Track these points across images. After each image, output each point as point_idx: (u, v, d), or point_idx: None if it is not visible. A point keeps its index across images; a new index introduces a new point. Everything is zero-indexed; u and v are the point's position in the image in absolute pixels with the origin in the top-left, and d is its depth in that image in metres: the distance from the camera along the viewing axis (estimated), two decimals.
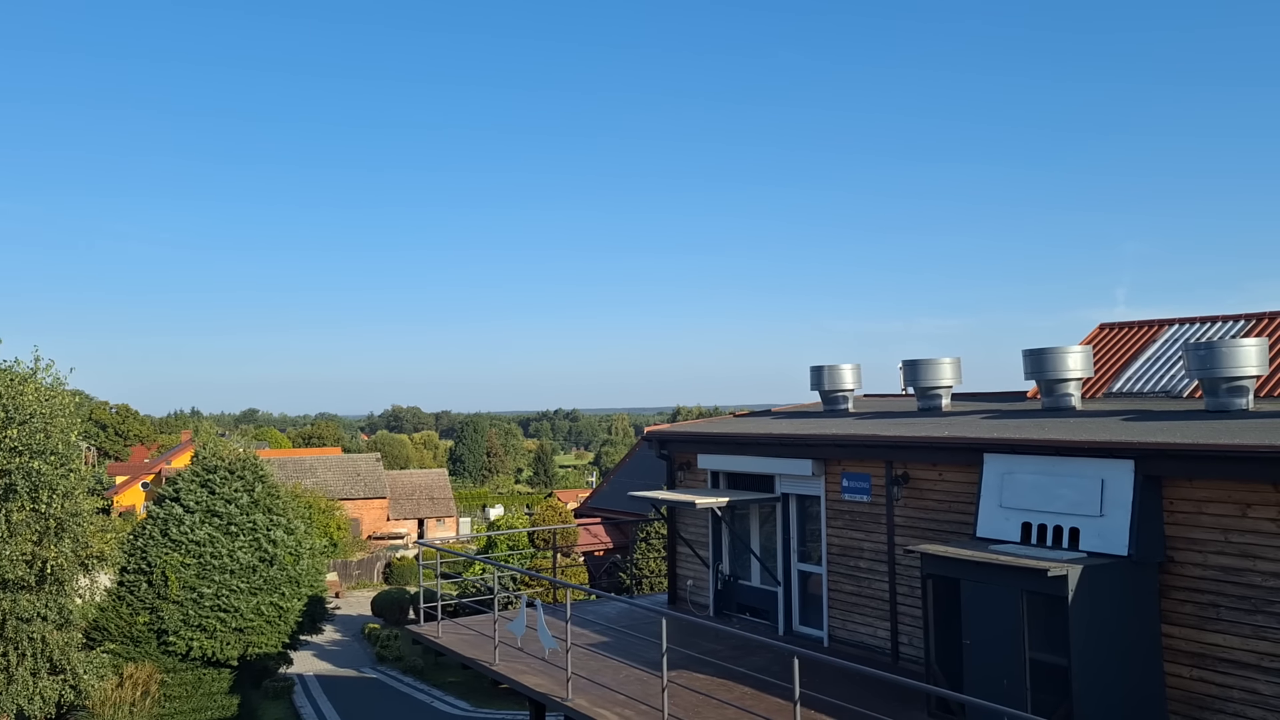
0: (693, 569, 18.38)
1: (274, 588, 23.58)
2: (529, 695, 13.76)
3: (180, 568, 22.79)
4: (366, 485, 76.73)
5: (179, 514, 23.48)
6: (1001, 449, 12.17)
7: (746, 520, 17.16)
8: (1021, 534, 11.67)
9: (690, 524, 18.42)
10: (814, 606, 15.60)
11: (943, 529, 13.25)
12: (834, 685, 12.39)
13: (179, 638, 22.62)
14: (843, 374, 18.11)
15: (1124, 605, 10.54)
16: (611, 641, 15.63)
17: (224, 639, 22.87)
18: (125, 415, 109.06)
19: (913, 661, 13.51)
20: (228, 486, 24.02)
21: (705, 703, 12.22)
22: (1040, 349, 14.53)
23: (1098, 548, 10.85)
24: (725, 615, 17.20)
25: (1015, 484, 11.91)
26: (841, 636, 14.89)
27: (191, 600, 22.68)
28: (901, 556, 13.82)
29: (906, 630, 13.80)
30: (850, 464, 14.78)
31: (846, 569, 14.86)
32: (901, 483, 13.86)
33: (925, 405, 16.56)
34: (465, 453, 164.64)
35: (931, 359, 16.43)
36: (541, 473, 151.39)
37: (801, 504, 15.95)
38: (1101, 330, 17.51)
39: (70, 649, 18.93)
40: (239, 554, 23.25)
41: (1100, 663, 10.29)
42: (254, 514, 23.90)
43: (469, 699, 29.57)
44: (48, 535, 18.64)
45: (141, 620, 22.74)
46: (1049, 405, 14.62)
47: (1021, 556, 10.82)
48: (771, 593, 16.34)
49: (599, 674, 13.69)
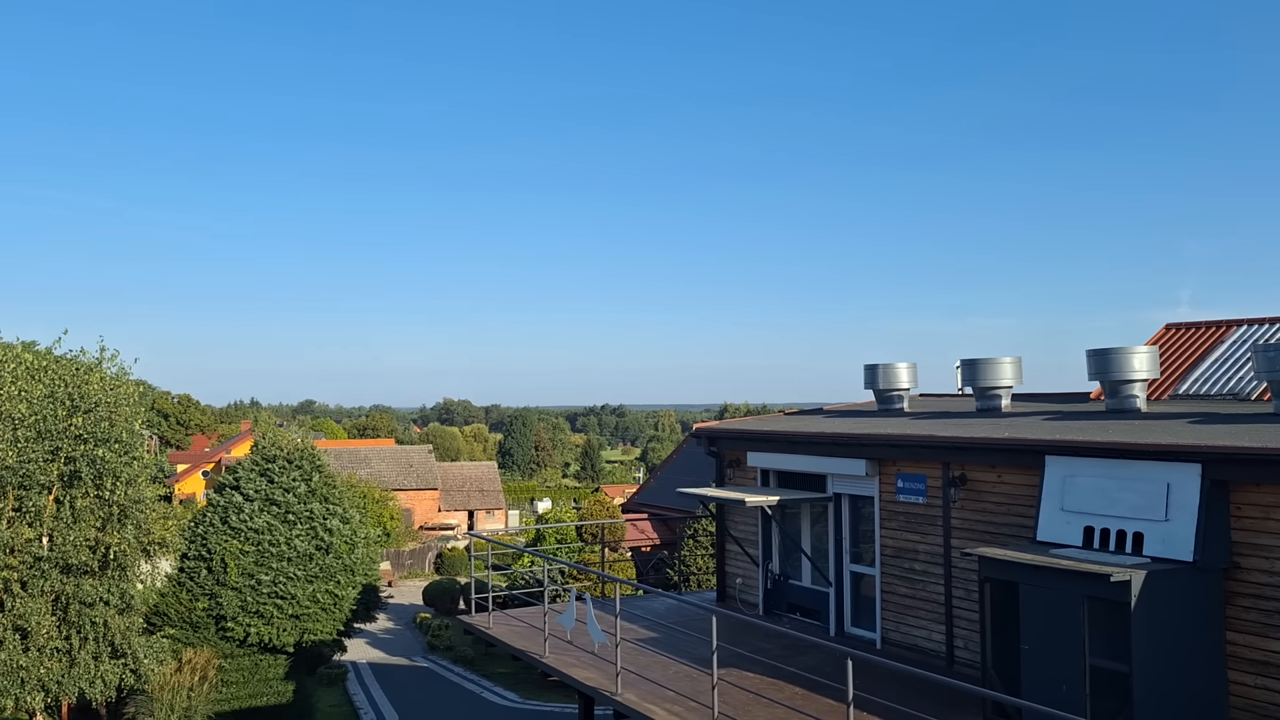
0: (742, 567, 18.30)
1: (330, 576, 23.94)
2: (579, 688, 13.81)
3: (239, 555, 23.24)
4: (419, 477, 77.67)
5: (239, 502, 23.94)
6: (1064, 451, 11.93)
7: (797, 519, 17.04)
8: (1083, 538, 11.44)
9: (740, 522, 18.34)
10: (867, 608, 15.45)
11: (1001, 532, 13.03)
12: (886, 688, 12.25)
13: (237, 624, 23.07)
14: (898, 373, 17.89)
15: (1188, 612, 10.28)
16: (660, 637, 15.62)
17: (281, 625, 23.27)
18: (187, 405, 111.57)
19: (968, 666, 13.31)
20: (286, 476, 24.43)
21: (755, 701, 12.15)
22: (1105, 349, 14.23)
23: (1162, 553, 10.59)
24: (775, 614, 17.10)
25: (1077, 487, 11.67)
26: (895, 639, 14.72)
27: (250, 587, 23.11)
28: (958, 559, 13.62)
29: (962, 634, 13.60)
30: (906, 465, 14.60)
31: (901, 571, 14.68)
32: (959, 484, 13.65)
33: (984, 406, 16.29)
34: (514, 446, 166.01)
35: (991, 358, 16.16)
36: (588, 467, 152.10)
37: (854, 504, 15.79)
38: (1168, 331, 17.10)
39: (131, 633, 19.36)
40: (296, 542, 23.64)
41: (1162, 670, 10.05)
42: (311, 503, 24.28)
43: (518, 690, 29.77)
44: (111, 521, 19.09)
45: (201, 606, 23.23)
46: (1113, 407, 14.30)
47: (1083, 561, 10.60)
48: (823, 593, 16.21)
49: (648, 669, 13.69)
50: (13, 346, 21.51)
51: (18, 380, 18.82)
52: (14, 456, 17.87)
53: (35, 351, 20.41)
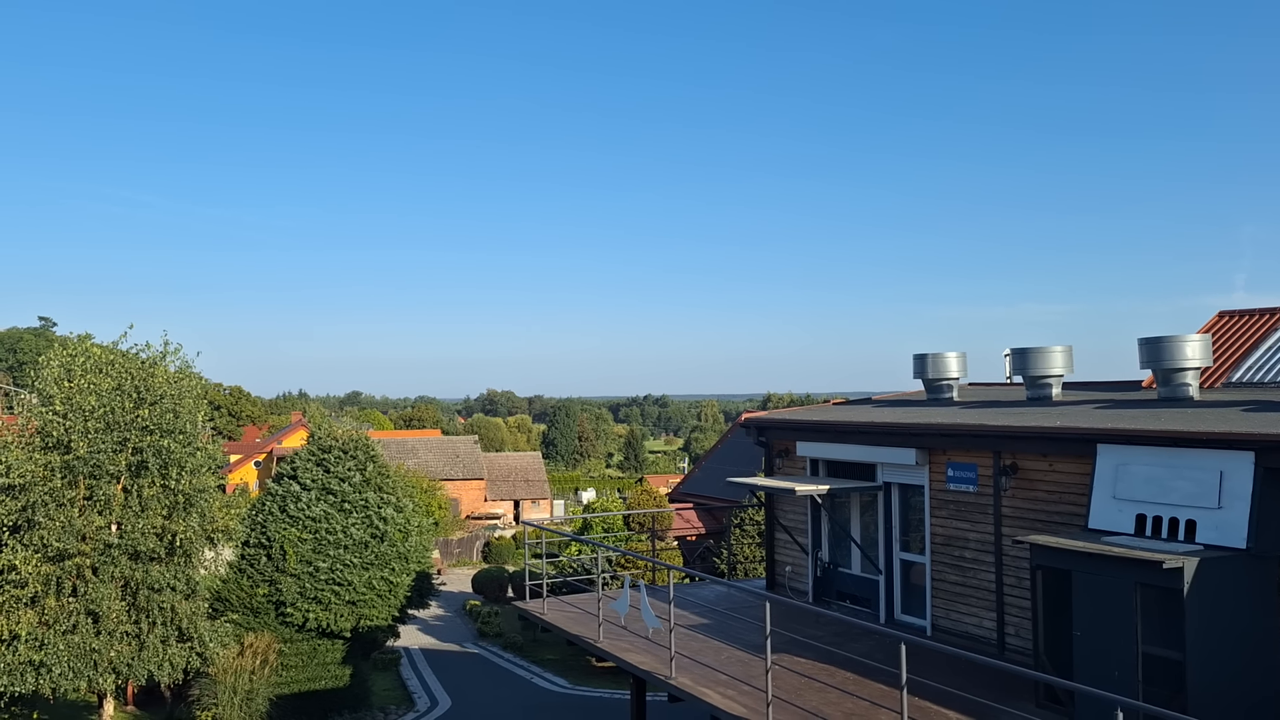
0: (791, 555, 18.48)
1: (384, 563, 24.45)
2: (633, 672, 14.11)
3: (297, 542, 23.81)
4: (465, 467, 78.54)
5: (296, 491, 24.52)
6: (1116, 439, 11.98)
7: (847, 508, 17.18)
8: (1135, 526, 11.49)
9: (789, 511, 18.51)
10: (917, 596, 15.57)
11: (1052, 520, 13.09)
12: (938, 673, 12.38)
13: (296, 609, 23.66)
14: (947, 362, 17.94)
15: (1241, 599, 10.31)
16: (712, 623, 15.86)
17: (338, 611, 23.82)
18: (238, 396, 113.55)
19: (1019, 653, 13.41)
20: (341, 465, 24.96)
21: (808, 685, 12.36)
22: (1157, 337, 14.20)
23: (1215, 540, 10.63)
24: (825, 602, 17.27)
25: (1130, 475, 11.71)
26: (945, 626, 14.84)
27: (308, 574, 23.69)
28: (1009, 547, 13.70)
29: (1013, 621, 13.69)
30: (956, 454, 14.68)
31: (951, 559, 14.78)
32: (1010, 473, 13.73)
33: (1034, 395, 16.30)
34: (557, 436, 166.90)
35: (1041, 347, 16.16)
36: (631, 458, 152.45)
37: (904, 493, 15.90)
38: (1221, 318, 16.97)
39: (197, 618, 19.99)
40: (352, 530, 24.18)
41: (1215, 657, 10.10)
42: (366, 492, 24.80)
43: (566, 676, 30.19)
44: (177, 510, 19.71)
45: (261, 592, 23.85)
46: (1165, 395, 14.28)
47: (1135, 549, 10.67)
48: (873, 581, 16.35)
49: (701, 654, 13.94)
50: (81, 341, 22.23)
51: (87, 374, 19.47)
52: (85, 447, 18.52)
53: (103, 346, 21.07)
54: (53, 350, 20.29)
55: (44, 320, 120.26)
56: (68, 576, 18.52)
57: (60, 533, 18.18)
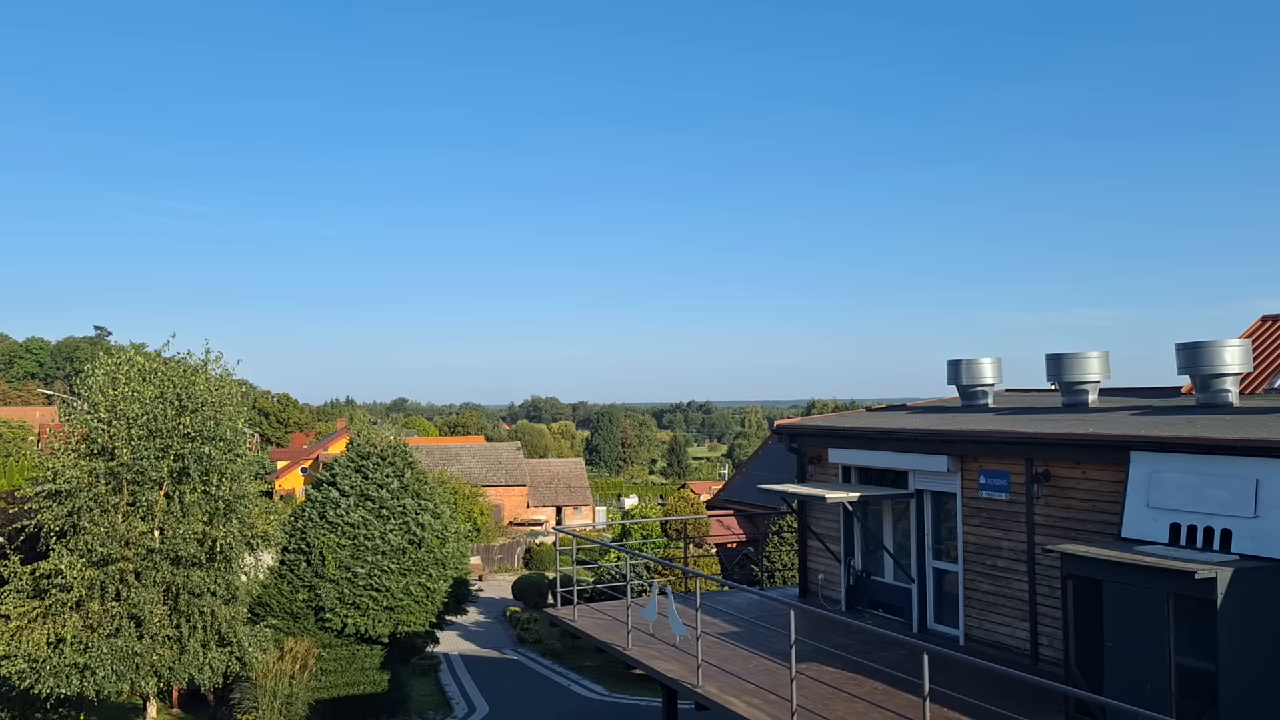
0: (824, 563, 18.34)
1: (422, 569, 24.67)
2: (660, 679, 14.09)
3: (336, 548, 24.12)
4: (508, 473, 79.00)
5: (335, 497, 24.84)
6: (1150, 447, 11.74)
7: (879, 516, 17.02)
8: (1170, 535, 11.25)
9: (821, 518, 18.38)
10: (949, 605, 15.37)
11: (1085, 529, 12.87)
12: (969, 684, 12.22)
13: (335, 615, 23.95)
14: (982, 368, 17.71)
15: (1277, 610, 10.05)
16: (741, 631, 15.80)
17: (376, 617, 24.08)
18: (286, 404, 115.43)
19: (1053, 663, 13.18)
20: (380, 472, 25.25)
21: (835, 696, 12.26)
22: (1195, 343, 13.90)
23: (1251, 550, 10.37)
24: (857, 611, 17.12)
25: (1164, 483, 11.48)
26: (978, 636, 14.63)
27: (346, 579, 23.98)
28: (1042, 556, 13.49)
29: (1047, 631, 13.47)
30: (988, 461, 14.49)
31: (984, 568, 14.58)
32: (1043, 481, 13.52)
33: (1070, 401, 16.04)
34: (601, 443, 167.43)
35: (1077, 353, 15.90)
36: (675, 464, 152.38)
37: (936, 501, 15.72)
38: (1263, 323, 16.59)
39: (237, 623, 20.29)
40: (390, 536, 24.43)
41: (1250, 668, 9.85)
42: (404, 498, 25.06)
43: (604, 683, 30.21)
44: (217, 516, 20.03)
45: (301, 597, 24.18)
46: (1203, 402, 13.97)
47: (1168, 558, 10.45)
48: (905, 590, 16.18)
49: (728, 662, 13.89)
50: (126, 350, 22.72)
51: (131, 382, 19.89)
52: (129, 454, 18.91)
53: (146, 354, 21.50)
54: (98, 358, 20.75)
55: (99, 330, 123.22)
56: (111, 581, 18.90)
57: (104, 538, 18.57)
